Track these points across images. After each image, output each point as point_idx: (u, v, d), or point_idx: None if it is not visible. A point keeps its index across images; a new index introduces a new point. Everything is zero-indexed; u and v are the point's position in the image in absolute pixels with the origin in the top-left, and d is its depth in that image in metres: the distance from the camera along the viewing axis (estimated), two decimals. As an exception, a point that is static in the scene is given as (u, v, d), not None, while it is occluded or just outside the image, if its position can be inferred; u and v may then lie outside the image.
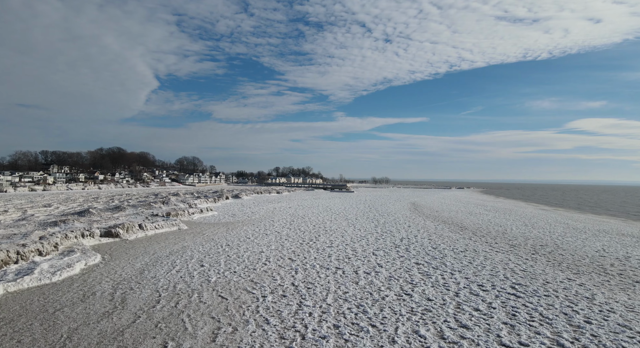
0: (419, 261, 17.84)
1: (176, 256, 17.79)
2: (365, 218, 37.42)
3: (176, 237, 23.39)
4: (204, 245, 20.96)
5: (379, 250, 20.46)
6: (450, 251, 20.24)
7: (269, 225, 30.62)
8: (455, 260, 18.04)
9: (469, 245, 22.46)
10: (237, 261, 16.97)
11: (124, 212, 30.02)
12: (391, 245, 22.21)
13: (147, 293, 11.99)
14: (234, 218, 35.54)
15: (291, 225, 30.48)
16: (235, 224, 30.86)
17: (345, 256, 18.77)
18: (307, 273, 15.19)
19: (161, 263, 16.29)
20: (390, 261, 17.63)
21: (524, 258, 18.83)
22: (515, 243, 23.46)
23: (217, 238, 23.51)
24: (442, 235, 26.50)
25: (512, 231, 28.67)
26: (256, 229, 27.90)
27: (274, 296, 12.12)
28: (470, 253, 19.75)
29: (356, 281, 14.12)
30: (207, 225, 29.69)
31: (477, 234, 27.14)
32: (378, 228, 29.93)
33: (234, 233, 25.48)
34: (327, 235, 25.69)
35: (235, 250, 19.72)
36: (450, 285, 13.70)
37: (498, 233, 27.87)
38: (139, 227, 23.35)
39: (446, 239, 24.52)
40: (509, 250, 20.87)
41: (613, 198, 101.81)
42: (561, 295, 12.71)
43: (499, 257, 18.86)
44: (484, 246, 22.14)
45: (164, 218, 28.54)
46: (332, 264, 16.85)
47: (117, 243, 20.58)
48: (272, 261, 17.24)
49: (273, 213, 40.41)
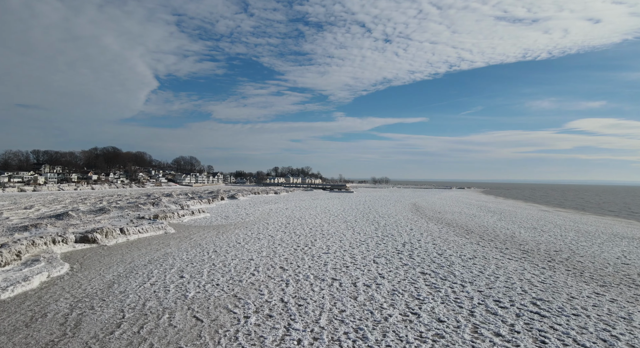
0: (424, 270, 16.09)
1: (155, 265, 16.01)
2: (365, 220, 35.68)
3: (160, 242, 21.61)
4: (188, 251, 19.19)
5: (380, 257, 18.72)
6: (457, 259, 18.49)
7: (262, 228, 28.85)
8: (464, 269, 16.29)
9: (478, 251, 20.71)
10: (222, 272, 15.20)
11: (107, 214, 28.22)
12: (393, 250, 20.47)
13: (108, 314, 10.21)
14: (226, 220, 33.77)
15: (286, 228, 28.73)
16: (227, 227, 29.08)
17: (342, 264, 17.02)
18: (300, 285, 13.43)
19: (136, 274, 14.50)
20: (392, 271, 15.88)
21: (540, 266, 17.08)
22: (527, 248, 21.72)
23: (205, 243, 21.74)
24: (447, 239, 24.76)
25: (521, 235, 26.93)
26: (248, 233, 26.14)
27: (259, 316, 10.36)
28: (480, 261, 18.01)
29: (355, 296, 12.37)
30: (197, 228, 27.91)
31: (484, 238, 25.41)
32: (378, 231, 28.19)
33: (224, 238, 23.70)
34: (324, 239, 23.94)
35: (222, 257, 17.95)
36: (463, 301, 11.95)
37: (506, 237, 26.14)
38: (120, 231, 21.57)
39: (452, 244, 22.78)
40: (522, 257, 19.13)
41: (615, 199, 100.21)
42: (593, 314, 10.96)
43: (513, 265, 17.11)
44: (494, 252, 20.40)
45: (151, 221, 26.76)
46: (328, 274, 15.08)
47: (92, 250, 18.79)
48: (261, 270, 15.47)
49: (268, 215, 38.65)
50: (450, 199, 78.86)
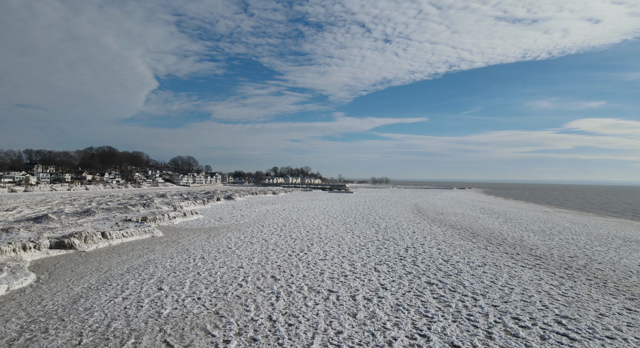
0: (430, 279, 14.59)
1: (133, 275, 14.48)
2: (365, 222, 34.17)
3: (145, 247, 20.07)
4: (173, 258, 17.66)
5: (381, 264, 17.23)
6: (465, 266, 16.99)
7: (257, 231, 27.33)
8: (474, 278, 14.79)
9: (487, 256, 19.21)
10: (206, 282, 13.68)
11: (92, 217, 26.66)
12: (395, 256, 18.97)
13: (62, 339, 8.69)
14: (220, 222, 32.23)
15: (282, 231, 27.21)
16: (220, 230, 27.55)
17: (341, 272, 15.51)
18: (291, 299, 11.92)
19: (109, 286, 12.97)
20: (396, 280, 14.38)
21: (557, 275, 15.58)
22: (539, 254, 20.23)
23: (193, 248, 20.21)
24: (452, 243, 23.26)
25: (531, 239, 25.44)
26: (241, 236, 24.62)
27: (241, 340, 8.85)
28: (490, 269, 16.50)
29: (354, 312, 10.87)
30: (187, 231, 26.37)
31: (492, 242, 23.92)
32: (379, 234, 26.69)
33: (215, 242, 22.18)
34: (321, 243, 22.43)
35: (209, 264, 16.42)
36: (477, 319, 10.45)
37: (515, 240, 24.64)
38: (101, 235, 20.03)
39: (458, 248, 21.28)
40: (536, 264, 17.63)
41: (616, 199, 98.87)
42: (630, 337, 9.46)
43: (527, 274, 15.60)
44: (504, 258, 18.90)
45: (138, 224, 25.22)
46: (324, 285, 13.57)
47: (67, 257, 17.25)
48: (250, 281, 13.96)
49: (264, 217, 37.12)
50: (452, 200, 77.40)
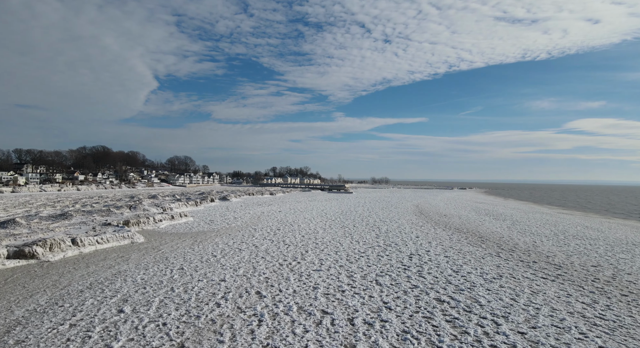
0: (440, 295, 12.57)
1: (94, 292, 12.44)
2: (365, 224, 32.15)
3: (119, 256, 18.03)
4: (148, 269, 15.61)
5: (383, 275, 15.22)
6: (479, 278, 14.97)
7: (248, 235, 25.29)
8: (491, 295, 12.77)
9: (501, 266, 17.18)
10: (178, 301, 11.63)
11: (68, 221, 24.59)
12: (399, 265, 16.95)
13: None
14: (210, 225, 30.18)
15: (275, 236, 25.17)
16: (208, 234, 25.51)
17: (337, 287, 13.49)
18: (277, 324, 9.89)
19: (59, 308, 10.91)
20: (400, 297, 12.37)
21: (587, 290, 13.56)
22: (558, 262, 18.21)
23: (174, 256, 18.17)
24: (460, 249, 21.24)
25: (545, 244, 23.43)
26: (230, 241, 22.58)
27: (204, 390, 6.82)
28: (508, 282, 14.48)
29: (352, 343, 8.86)
30: (172, 236, 24.32)
31: (503, 248, 21.90)
32: (380, 239, 24.67)
33: (199, 249, 20.13)
34: (317, 250, 20.41)
35: (187, 277, 14.38)
36: (504, 354, 8.43)
37: (528, 247, 22.63)
38: (71, 242, 17.99)
39: (467, 256, 19.26)
40: (558, 275, 15.61)
41: (619, 200, 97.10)
42: None
43: (552, 290, 13.58)
44: (521, 268, 16.88)
45: (118, 228, 23.16)
46: (317, 304, 11.55)
47: (26, 268, 15.18)
48: (230, 299, 11.92)
49: (258, 219, 35.09)
50: (454, 200, 75.42)
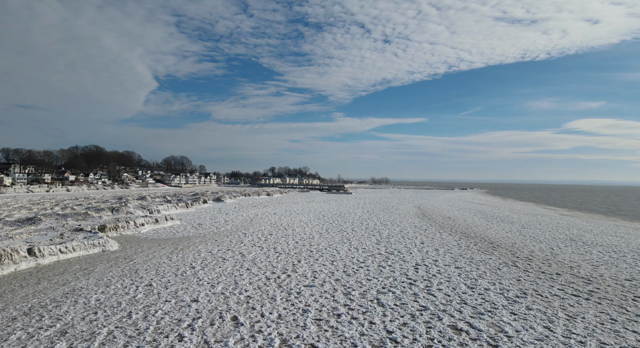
0: (456, 321, 10.29)
1: (29, 320, 10.11)
2: (364, 228, 29.86)
3: (82, 268, 15.71)
4: (110, 285, 13.29)
5: (385, 292, 12.95)
6: (499, 297, 12.68)
7: (236, 241, 22.98)
8: (519, 322, 10.47)
9: (522, 280, 14.88)
10: (131, 333, 9.31)
11: (34, 226, 22.22)
12: (403, 279, 14.66)
13: None
14: (196, 230, 27.86)
15: (266, 242, 22.88)
16: (192, 240, 23.19)
17: (331, 309, 11.20)
18: (251, 370, 7.59)
19: (-23, 343, 8.62)
20: (408, 324, 10.08)
21: (632, 314, 11.27)
22: (586, 275, 15.93)
23: (145, 268, 15.85)
24: (471, 258, 18.96)
25: (563, 252, 21.16)
26: (215, 249, 20.28)
27: None
28: (535, 302, 12.19)
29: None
30: (152, 243, 22.01)
31: (518, 256, 19.62)
32: (381, 245, 22.39)
33: (177, 259, 17.82)
34: (311, 259, 18.12)
35: (152, 297, 12.07)
36: None
37: (546, 254, 20.35)
38: (27, 252, 15.66)
39: (481, 266, 16.97)
40: (591, 293, 13.32)
41: (623, 200, 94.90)
42: None
43: (591, 313, 11.28)
44: (545, 282, 14.59)
45: (90, 235, 20.85)
46: (305, 335, 9.25)
47: (-37, 286, 12.86)
48: (198, 329, 9.61)
49: (251, 222, 32.78)
50: (456, 201, 73.15)
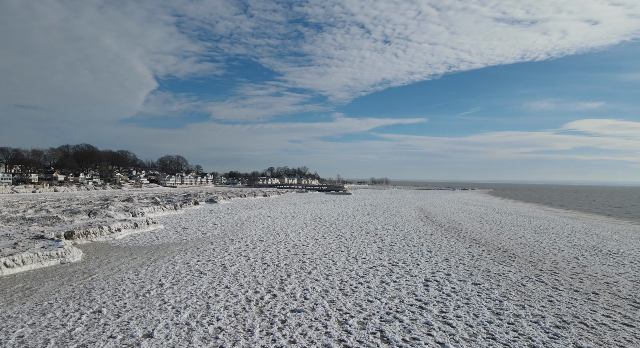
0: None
1: None
2: (365, 233, 27.30)
3: (24, 287, 13.11)
4: (46, 314, 10.67)
5: (391, 319, 10.40)
6: (536, 328, 10.10)
7: (220, 249, 20.40)
8: (571, 368, 7.89)
9: (556, 302, 12.29)
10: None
11: (-12, 233, 19.68)
12: (411, 301, 12.09)
13: None
14: (179, 235, 25.25)
15: (254, 250, 20.30)
16: (171, 248, 20.60)
17: (323, 347, 8.63)
18: None
19: None
20: (424, 375, 7.49)
21: None
22: (632, 296, 13.35)
23: (102, 287, 13.25)
24: (487, 270, 16.39)
25: (592, 263, 18.60)
26: (194, 259, 17.68)
27: None
28: (583, 338, 9.60)
29: None
30: (122, 252, 19.41)
31: (541, 268, 17.06)
32: (383, 254, 19.83)
33: (145, 273, 15.22)
34: (303, 272, 15.53)
35: (92, 333, 9.47)
36: None
37: (572, 266, 17.78)
38: (-39, 268, 13.04)
39: (502, 282, 14.38)
40: (647, 322, 10.75)
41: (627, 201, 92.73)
42: None
43: (661, 355, 8.71)
44: (586, 305, 12.01)
45: (50, 243, 18.26)
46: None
47: None
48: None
49: (241, 226, 30.20)
50: (459, 202, 70.64)
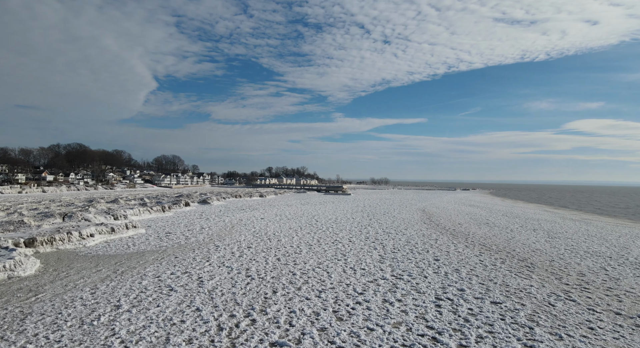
0: None
1: None
2: (364, 238, 24.96)
3: (-48, 310, 10.75)
4: (-43, 350, 8.34)
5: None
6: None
7: (201, 258, 18.04)
8: None
9: (598, 329, 9.95)
10: None
11: None
12: (422, 328, 9.77)
13: None
14: (160, 241, 22.88)
15: (239, 259, 17.96)
16: (146, 257, 18.23)
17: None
18: None
19: None
20: None
21: None
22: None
23: (44, 311, 10.90)
24: (506, 284, 14.06)
25: (624, 277, 16.29)
26: (167, 271, 15.33)
27: None
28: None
29: None
30: (89, 262, 17.04)
31: (567, 282, 14.74)
32: (385, 263, 17.51)
33: (107, 289, 12.86)
34: (292, 287, 13.18)
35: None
36: None
37: (605, 280, 15.46)
38: None
39: (527, 301, 12.05)
40: None
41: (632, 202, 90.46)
42: None
43: None
44: (633, 331, 9.68)
45: (3, 252, 15.88)
46: None
47: None
48: None
49: (231, 230, 27.86)
50: (462, 203, 68.32)
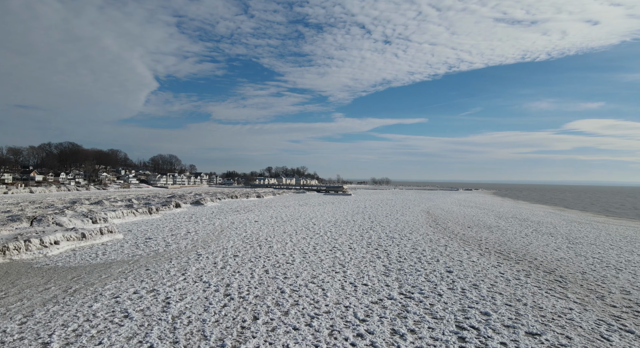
0: None
1: None
2: (366, 244, 22.40)
3: None
4: None
5: None
6: None
7: (177, 271, 15.48)
8: None
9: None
10: None
11: None
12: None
13: None
14: (136, 249, 20.34)
15: (221, 272, 15.40)
16: (112, 269, 15.68)
17: None
18: None
19: None
20: None
21: None
22: None
23: (-48, 348, 8.34)
24: (539, 306, 11.50)
25: (677, 292, 13.69)
26: (130, 289, 12.78)
27: None
28: None
29: None
30: (40, 276, 14.50)
31: (615, 305, 12.19)
32: (391, 277, 14.94)
33: (40, 318, 10.32)
34: (277, 311, 10.62)
35: None
36: None
37: (656, 299, 12.88)
38: None
39: (573, 333, 9.53)
40: None
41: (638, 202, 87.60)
42: None
43: None
44: None
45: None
46: None
47: None
48: None
49: (219, 235, 25.31)
50: (467, 204, 65.72)
